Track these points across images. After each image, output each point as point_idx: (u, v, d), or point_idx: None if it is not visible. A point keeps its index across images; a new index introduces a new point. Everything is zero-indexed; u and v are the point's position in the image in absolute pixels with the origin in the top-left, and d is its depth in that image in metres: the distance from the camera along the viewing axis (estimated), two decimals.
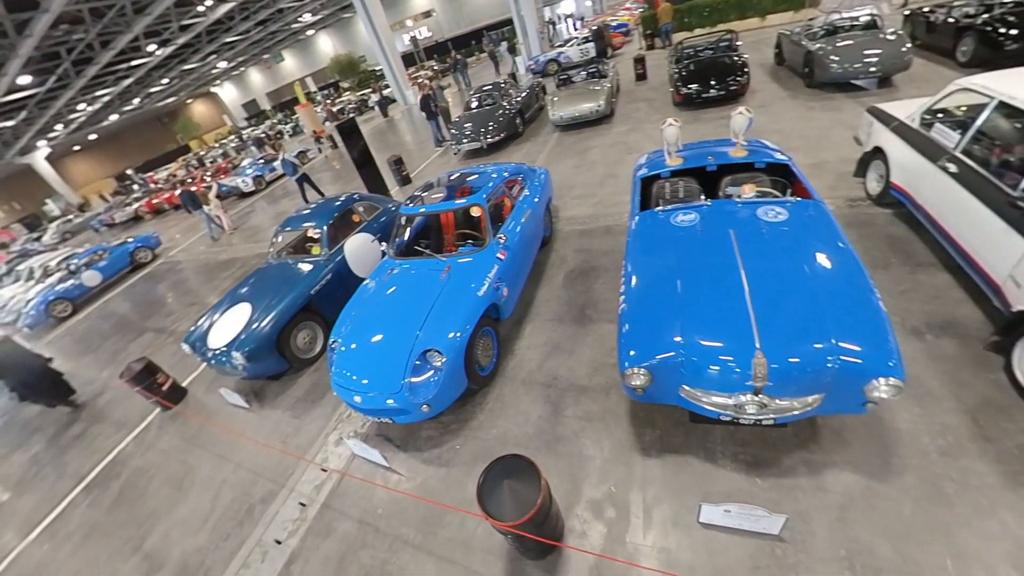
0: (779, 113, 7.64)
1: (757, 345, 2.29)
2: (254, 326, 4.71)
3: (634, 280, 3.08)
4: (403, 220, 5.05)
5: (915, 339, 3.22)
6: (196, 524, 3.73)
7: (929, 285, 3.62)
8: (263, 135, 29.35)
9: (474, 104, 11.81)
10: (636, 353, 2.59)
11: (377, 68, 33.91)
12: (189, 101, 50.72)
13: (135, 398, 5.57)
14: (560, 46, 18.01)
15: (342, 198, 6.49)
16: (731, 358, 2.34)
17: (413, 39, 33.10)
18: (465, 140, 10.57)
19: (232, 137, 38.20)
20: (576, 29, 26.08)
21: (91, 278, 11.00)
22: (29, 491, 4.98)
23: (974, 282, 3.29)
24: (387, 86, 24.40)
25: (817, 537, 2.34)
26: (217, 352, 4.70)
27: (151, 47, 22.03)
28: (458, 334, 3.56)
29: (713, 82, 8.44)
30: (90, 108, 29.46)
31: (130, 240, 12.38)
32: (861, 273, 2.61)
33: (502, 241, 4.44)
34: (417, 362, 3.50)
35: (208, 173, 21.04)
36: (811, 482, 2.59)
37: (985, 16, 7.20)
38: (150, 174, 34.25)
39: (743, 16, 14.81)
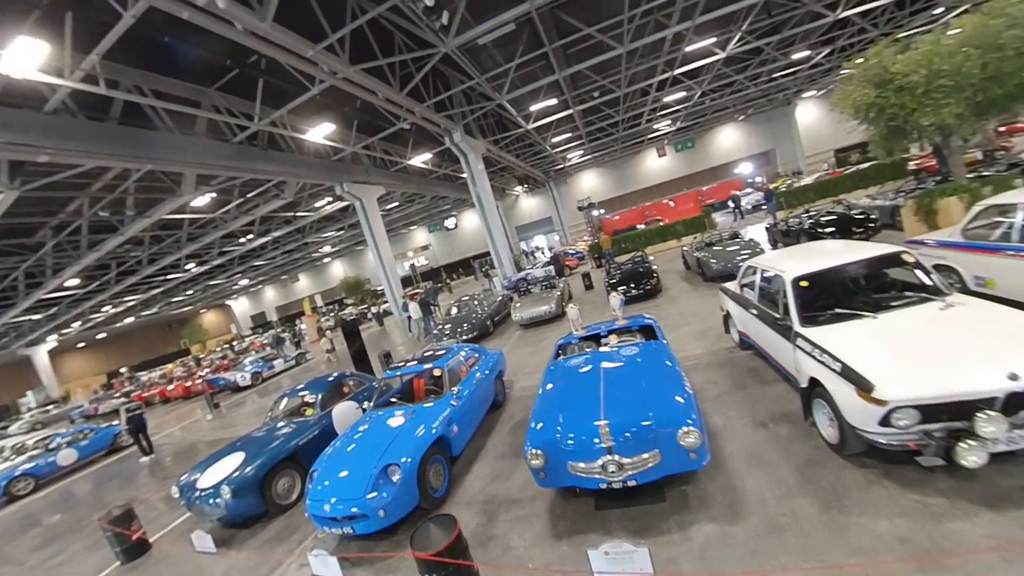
0: (684, 300, 10.38)
1: (601, 417, 3.56)
2: (246, 467, 5.52)
3: (539, 401, 4.44)
4: (384, 382, 6.46)
5: (762, 429, 4.45)
6: None
7: (773, 394, 5.00)
8: (281, 334, 32.11)
9: (454, 310, 14.52)
10: (532, 440, 3.78)
11: (379, 288, 39.55)
12: (203, 311, 55.85)
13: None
14: (529, 268, 22.48)
15: (335, 374, 7.99)
16: (587, 429, 3.57)
17: (412, 266, 39.70)
18: (445, 337, 12.68)
19: (235, 343, 41.02)
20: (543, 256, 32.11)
21: (66, 456, 11.22)
22: None
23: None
24: (385, 301, 28.46)
25: (681, 568, 3.12)
26: (206, 490, 5.37)
27: (189, 265, 26.30)
28: (410, 458, 4.56)
29: (632, 285, 11.38)
30: (113, 311, 32.58)
31: (116, 423, 12.90)
32: (678, 377, 4.08)
33: (455, 392, 5.79)
34: (380, 479, 4.43)
35: (203, 372, 22.50)
36: (681, 535, 3.43)
37: (810, 222, 11.17)
38: (143, 373, 35.44)
39: (665, 240, 19.68)
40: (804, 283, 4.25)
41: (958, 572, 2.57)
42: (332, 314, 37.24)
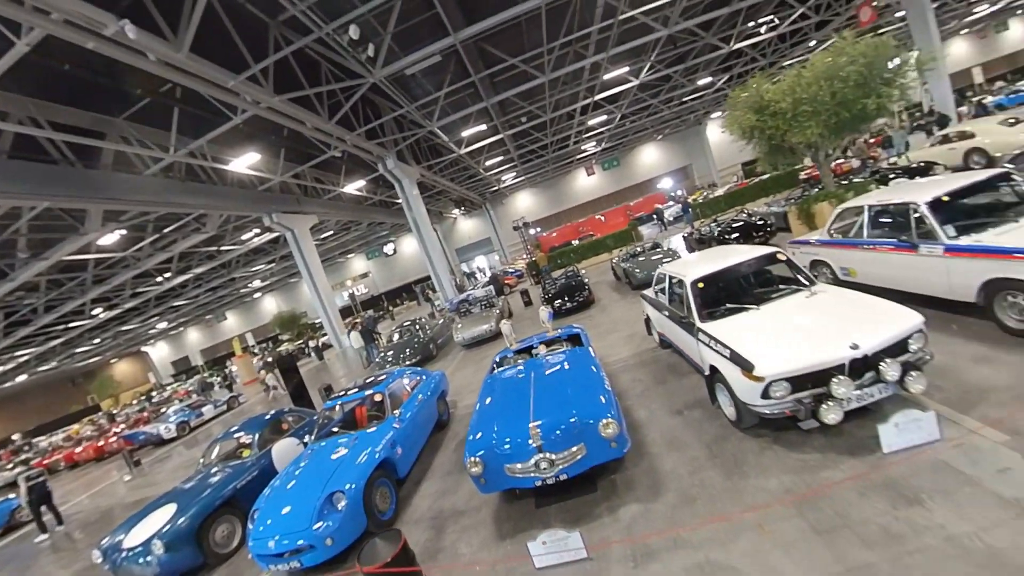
0: (614, 308, 11.13)
1: (532, 420, 3.87)
2: (179, 519, 5.21)
3: (476, 413, 4.71)
4: (324, 414, 6.40)
5: (678, 416, 4.98)
6: None
7: (688, 385, 5.57)
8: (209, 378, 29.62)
9: (396, 336, 14.40)
10: (471, 449, 4.02)
11: (317, 321, 37.89)
12: (113, 361, 50.26)
13: None
14: (471, 289, 22.73)
15: (272, 412, 7.73)
16: (519, 433, 3.87)
17: (351, 295, 38.50)
18: (388, 363, 12.53)
19: (155, 393, 37.29)
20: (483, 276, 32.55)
21: None
22: None
23: None
24: (325, 334, 27.35)
25: (613, 548, 3.44)
26: (134, 549, 5.01)
27: (96, 310, 23.78)
28: (354, 484, 4.59)
29: (566, 298, 12.01)
30: (1, 368, 28.59)
31: (13, 496, 11.38)
32: (599, 378, 4.51)
33: (397, 415, 5.87)
34: (325, 508, 4.42)
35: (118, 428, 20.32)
36: (610, 517, 3.79)
37: (719, 230, 12.38)
38: (42, 438, 31.13)
39: (597, 254, 20.87)
40: (701, 284, 4.88)
41: (825, 504, 3.17)
42: (266, 352, 35.06)
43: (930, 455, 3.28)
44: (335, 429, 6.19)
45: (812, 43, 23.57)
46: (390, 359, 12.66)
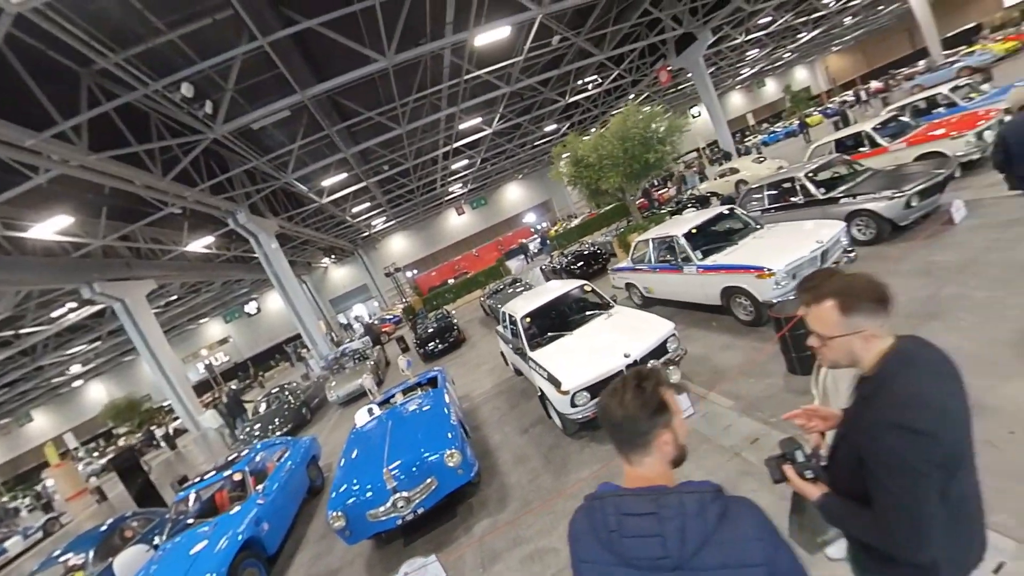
0: (482, 344, 11.86)
1: (386, 465, 4.29)
2: None
3: (338, 470, 4.97)
4: (176, 508, 5.90)
5: (525, 434, 5.78)
6: None
7: (534, 407, 6.32)
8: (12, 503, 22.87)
9: (263, 407, 13.29)
10: (332, 505, 4.30)
11: (164, 403, 32.35)
12: None
13: None
14: (348, 342, 21.93)
15: (109, 520, 6.78)
16: (376, 479, 4.26)
17: (208, 366, 33.85)
18: (255, 438, 11.53)
19: None
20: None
21: None
22: None
23: None
24: (177, 418, 23.61)
25: (466, 561, 3.96)
26: None
27: None
28: (214, 574, 4.44)
29: (438, 340, 12.61)
30: None
31: None
32: (446, 416, 5.11)
33: (261, 490, 5.73)
34: None
35: None
36: (467, 537, 4.35)
37: (566, 261, 13.98)
38: None
39: (471, 291, 21.90)
40: (528, 319, 5.85)
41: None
42: (96, 454, 28.76)
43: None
44: (191, 521, 5.75)
45: (631, 96, 28.51)
46: (257, 432, 11.69)
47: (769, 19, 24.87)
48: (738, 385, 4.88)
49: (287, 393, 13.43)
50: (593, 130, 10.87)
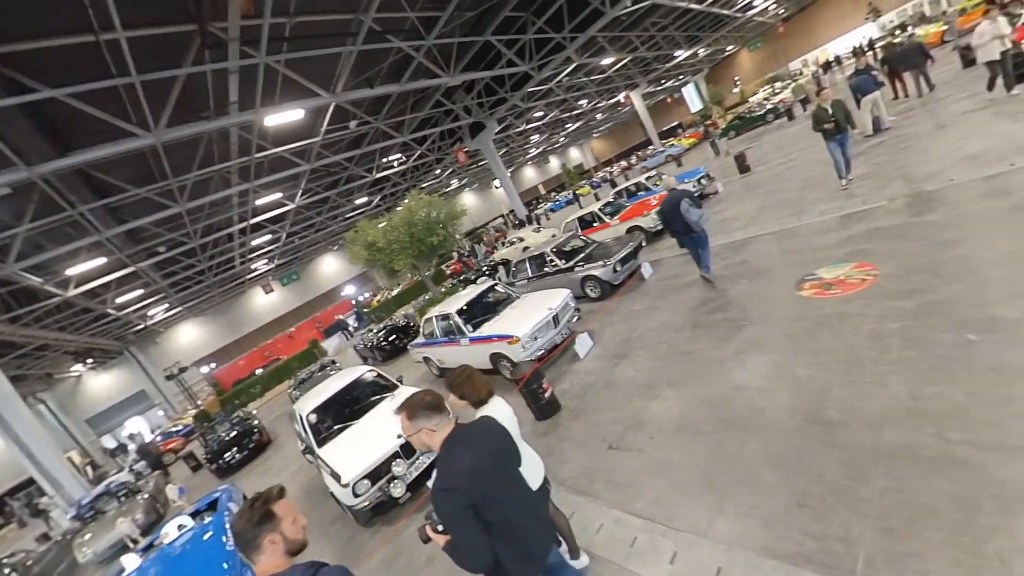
0: (289, 444, 10.64)
1: None
2: None
3: None
4: None
5: (324, 536, 5.63)
6: None
7: (334, 507, 6.28)
8: None
9: None
10: None
11: None
12: None
13: None
14: (114, 474, 17.21)
15: None
16: None
17: None
18: None
19: None
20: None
21: None
22: None
23: None
24: None
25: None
26: None
27: None
28: None
29: (235, 449, 11.10)
30: None
31: None
32: (221, 544, 4.82)
33: None
34: None
35: None
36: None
37: (376, 338, 13.50)
38: None
39: (282, 381, 19.97)
40: (312, 415, 5.98)
41: (407, 550, 4.49)
42: None
43: None
44: None
45: (438, 171, 31.04)
46: None
47: (542, 113, 30.90)
48: None
49: (9, 573, 9.86)
50: (382, 217, 11.68)
